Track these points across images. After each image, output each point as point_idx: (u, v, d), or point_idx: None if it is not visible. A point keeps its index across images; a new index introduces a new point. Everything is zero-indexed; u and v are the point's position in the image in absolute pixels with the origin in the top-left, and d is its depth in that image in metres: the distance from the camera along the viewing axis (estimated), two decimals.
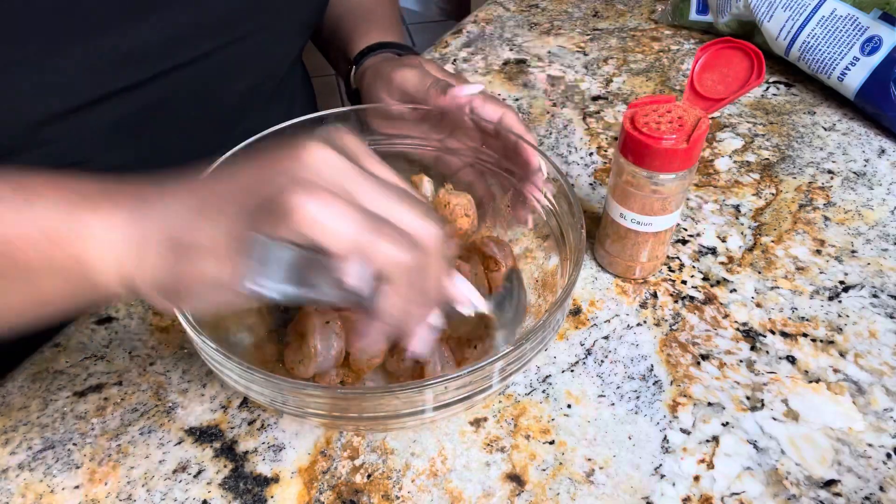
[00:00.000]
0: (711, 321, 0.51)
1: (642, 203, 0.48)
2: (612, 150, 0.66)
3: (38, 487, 0.41)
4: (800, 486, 0.41)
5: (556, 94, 0.75)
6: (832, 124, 0.69)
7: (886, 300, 0.52)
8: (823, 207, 0.60)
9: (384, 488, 0.41)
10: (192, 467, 0.42)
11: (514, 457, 0.43)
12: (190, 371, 0.47)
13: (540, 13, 0.89)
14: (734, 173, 0.64)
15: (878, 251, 0.56)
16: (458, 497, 0.41)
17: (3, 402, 0.46)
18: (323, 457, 0.43)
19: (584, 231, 0.42)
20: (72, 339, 0.49)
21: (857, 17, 0.66)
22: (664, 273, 0.54)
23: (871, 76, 0.65)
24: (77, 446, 0.43)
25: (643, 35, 0.84)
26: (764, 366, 0.48)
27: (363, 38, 0.62)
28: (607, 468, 0.42)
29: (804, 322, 0.50)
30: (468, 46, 0.83)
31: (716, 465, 0.42)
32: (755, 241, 0.57)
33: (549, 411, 0.45)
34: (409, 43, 0.63)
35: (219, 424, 0.45)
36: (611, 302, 0.52)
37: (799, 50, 0.71)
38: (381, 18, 0.65)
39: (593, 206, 0.60)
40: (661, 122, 0.46)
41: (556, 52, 0.81)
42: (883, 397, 0.46)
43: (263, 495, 0.41)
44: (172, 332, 0.50)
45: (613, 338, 0.50)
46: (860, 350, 0.48)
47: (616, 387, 0.46)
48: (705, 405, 0.45)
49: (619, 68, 0.78)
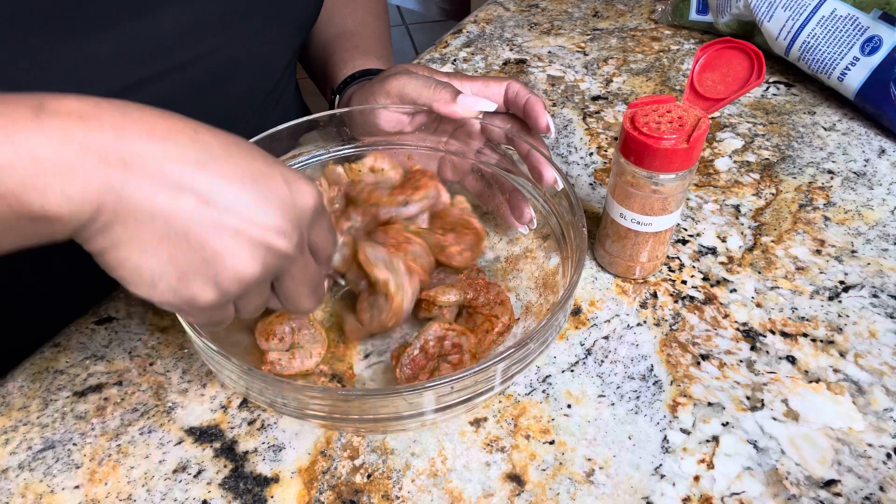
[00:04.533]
0: (711, 321, 0.51)
1: (642, 203, 0.48)
2: (612, 150, 0.66)
3: (38, 487, 0.41)
4: (800, 486, 0.41)
5: (556, 94, 0.75)
6: (832, 124, 0.69)
7: (886, 300, 0.52)
8: (823, 207, 0.60)
9: (384, 488, 0.41)
10: (192, 467, 0.42)
11: (514, 457, 0.43)
12: (190, 371, 0.47)
13: (540, 13, 0.89)
14: (734, 173, 0.64)
15: (878, 251, 0.56)
16: (458, 497, 0.41)
17: (3, 402, 0.46)
18: (323, 457, 0.43)
19: (586, 230, 0.42)
20: (72, 339, 0.49)
21: (857, 17, 0.66)
22: (664, 273, 0.54)
23: (871, 76, 0.65)
24: (77, 446, 0.43)
25: (643, 35, 0.84)
26: (764, 366, 0.48)
27: (346, 65, 0.61)
28: (607, 468, 0.42)
29: (804, 322, 0.50)
30: (468, 46, 0.83)
31: (716, 465, 0.42)
32: (755, 241, 0.57)
33: (549, 411, 0.45)
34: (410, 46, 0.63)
35: (219, 424, 0.45)
36: (611, 302, 0.52)
37: (799, 50, 0.71)
38: (366, 44, 0.64)
39: (593, 206, 0.60)
40: (661, 122, 0.46)
41: (556, 52, 0.81)
42: (883, 397, 0.46)
43: (263, 495, 0.41)
44: (172, 332, 0.50)
45: (613, 338, 0.50)
46: (860, 350, 0.48)
47: (616, 387, 0.46)
48: (705, 405, 0.45)
49: (619, 68, 0.78)
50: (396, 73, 0.50)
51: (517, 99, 0.48)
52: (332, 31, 0.65)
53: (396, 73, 0.50)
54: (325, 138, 0.51)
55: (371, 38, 0.65)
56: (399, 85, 0.49)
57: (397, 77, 0.50)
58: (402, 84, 0.49)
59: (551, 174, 0.46)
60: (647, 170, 0.46)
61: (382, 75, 0.52)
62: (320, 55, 0.65)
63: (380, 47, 0.65)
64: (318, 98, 0.70)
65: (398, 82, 0.49)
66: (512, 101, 0.49)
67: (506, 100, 0.49)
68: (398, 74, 0.50)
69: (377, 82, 0.51)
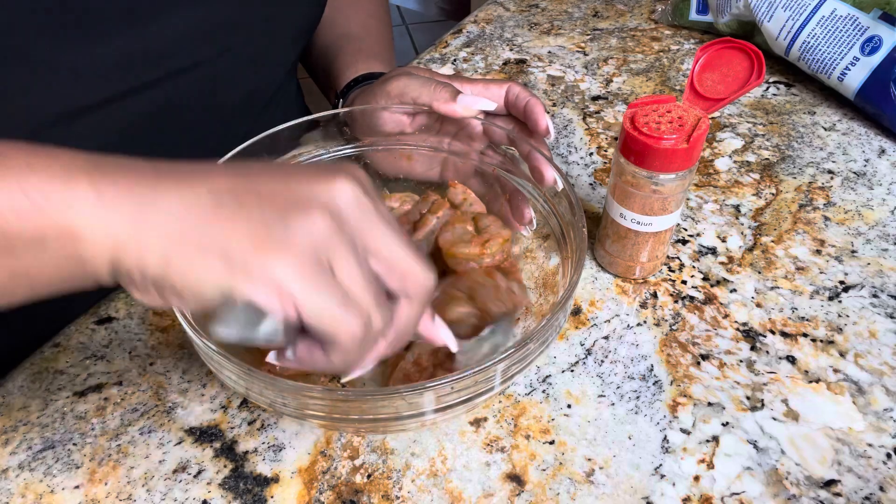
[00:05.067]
0: (711, 321, 0.51)
1: (642, 203, 0.48)
2: (612, 150, 0.66)
3: (38, 487, 0.41)
4: (800, 486, 0.41)
5: (556, 94, 0.75)
6: (832, 124, 0.69)
7: (886, 300, 0.52)
8: (823, 207, 0.60)
9: (384, 488, 0.41)
10: (192, 467, 0.42)
11: (514, 457, 0.43)
12: (190, 371, 0.47)
13: (540, 13, 0.89)
14: (734, 173, 0.64)
15: (878, 251, 0.56)
16: (458, 497, 0.41)
17: (3, 402, 0.46)
18: (323, 457, 0.43)
19: (586, 231, 0.42)
20: (72, 339, 0.49)
21: (857, 17, 0.66)
22: (664, 273, 0.54)
23: (871, 76, 0.65)
24: (77, 446, 0.43)
25: (643, 35, 0.84)
26: (764, 366, 0.48)
27: (349, 69, 0.61)
28: (607, 468, 0.42)
29: (804, 322, 0.50)
30: (468, 46, 0.83)
31: (716, 465, 0.42)
32: (755, 241, 0.57)
33: (549, 411, 0.45)
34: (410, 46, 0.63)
35: (219, 424, 0.45)
36: (611, 302, 0.52)
37: (799, 50, 0.71)
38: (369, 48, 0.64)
39: (593, 206, 0.60)
40: (661, 123, 0.46)
41: (556, 52, 0.81)
42: (883, 397, 0.46)
43: (263, 495, 0.41)
44: (172, 332, 0.50)
45: (613, 338, 0.50)
46: (860, 350, 0.48)
47: (616, 387, 0.46)
48: (705, 405, 0.45)
49: (619, 68, 0.78)
50: (397, 75, 0.50)
51: (517, 101, 0.48)
52: (334, 33, 0.65)
53: (397, 74, 0.51)
54: (325, 138, 0.51)
55: (374, 41, 0.65)
56: (400, 86, 0.49)
57: (398, 78, 0.50)
58: (403, 85, 0.49)
59: (551, 174, 0.46)
60: (647, 170, 0.46)
61: (384, 78, 0.52)
62: (322, 58, 0.65)
63: (382, 50, 0.64)
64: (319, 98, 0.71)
65: (399, 83, 0.50)
66: (512, 103, 0.49)
67: (506, 102, 0.49)
68: (399, 76, 0.50)
69: (378, 85, 0.51)
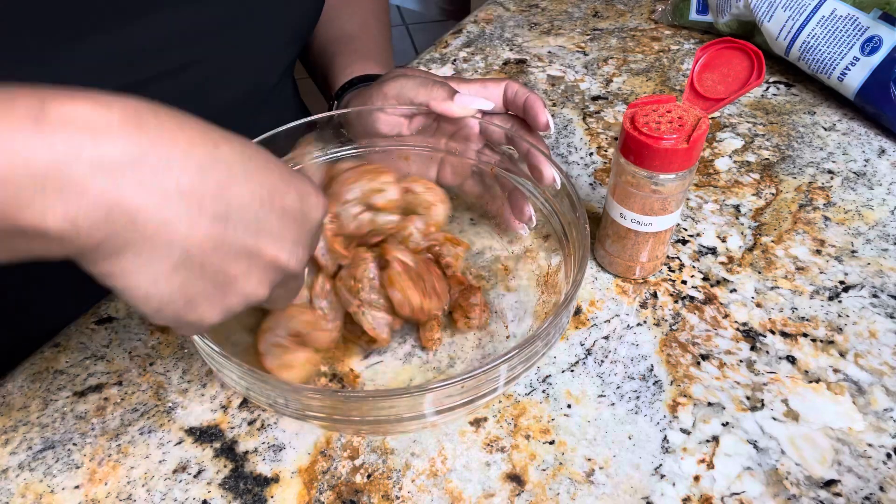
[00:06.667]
0: (711, 321, 0.51)
1: (642, 203, 0.48)
2: (612, 150, 0.66)
3: (38, 487, 0.41)
4: (800, 486, 0.41)
5: (556, 94, 0.75)
6: (832, 124, 0.69)
7: (886, 300, 0.52)
8: (823, 207, 0.60)
9: (384, 488, 0.41)
10: (192, 467, 0.42)
11: (514, 457, 0.43)
12: (190, 371, 0.47)
13: (540, 13, 0.89)
14: (734, 173, 0.64)
15: (878, 251, 0.56)
16: (458, 497, 0.41)
17: (3, 402, 0.46)
18: (323, 457, 0.43)
19: (588, 229, 0.42)
20: (72, 339, 0.49)
21: (857, 17, 0.66)
22: (664, 273, 0.54)
23: (871, 76, 0.65)
24: (77, 446, 0.43)
25: (643, 35, 0.84)
26: (764, 366, 0.48)
27: (345, 70, 0.60)
28: (607, 468, 0.42)
29: (804, 322, 0.50)
30: (468, 46, 0.83)
31: (716, 465, 0.42)
32: (755, 241, 0.57)
33: (549, 411, 0.45)
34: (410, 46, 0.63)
35: (219, 424, 0.45)
36: (611, 302, 0.52)
37: (799, 50, 0.71)
38: (366, 49, 0.63)
39: (593, 206, 0.60)
40: (661, 122, 0.46)
41: (556, 52, 0.81)
42: (883, 397, 0.46)
43: (263, 495, 0.41)
44: (172, 333, 0.50)
45: (613, 338, 0.50)
46: (860, 350, 0.48)
47: (616, 387, 0.46)
48: (705, 405, 0.45)
49: (619, 68, 0.78)
50: (394, 77, 0.50)
51: (516, 98, 0.48)
52: (332, 33, 0.65)
53: (394, 76, 0.50)
54: (323, 140, 0.51)
55: (371, 42, 0.65)
56: (396, 87, 0.49)
57: (395, 80, 0.50)
58: (400, 86, 0.49)
59: (551, 172, 0.46)
60: (647, 170, 0.46)
61: (380, 80, 0.52)
62: (320, 57, 0.65)
63: (380, 52, 0.64)
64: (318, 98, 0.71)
65: (396, 84, 0.49)
66: (511, 100, 0.49)
67: (505, 99, 0.49)
68: (395, 77, 0.50)
69: (375, 86, 0.51)
